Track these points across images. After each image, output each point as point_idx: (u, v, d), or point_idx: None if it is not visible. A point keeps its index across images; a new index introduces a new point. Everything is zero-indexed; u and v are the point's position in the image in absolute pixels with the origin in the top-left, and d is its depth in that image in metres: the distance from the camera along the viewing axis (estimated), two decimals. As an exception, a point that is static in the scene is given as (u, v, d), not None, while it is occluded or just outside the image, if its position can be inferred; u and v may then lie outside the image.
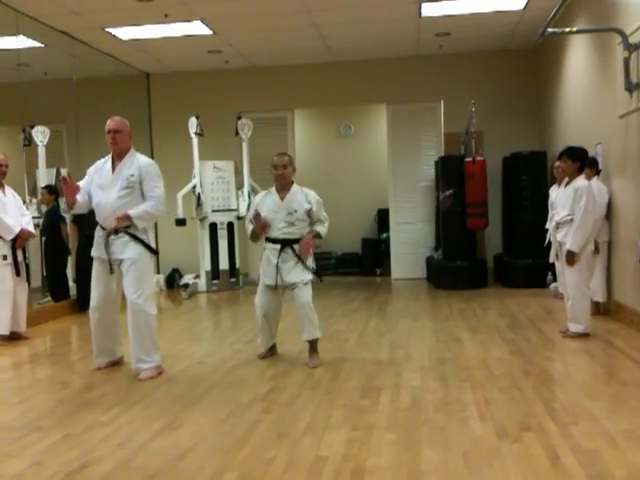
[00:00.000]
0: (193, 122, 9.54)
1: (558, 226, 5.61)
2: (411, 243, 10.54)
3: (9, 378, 5.25)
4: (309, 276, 5.01)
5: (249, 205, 9.81)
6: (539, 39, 7.21)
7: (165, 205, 4.92)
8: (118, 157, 4.83)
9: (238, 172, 10.03)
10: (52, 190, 8.34)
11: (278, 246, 4.98)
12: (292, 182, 5.08)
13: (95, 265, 4.88)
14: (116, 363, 5.10)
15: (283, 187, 5.05)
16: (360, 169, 11.68)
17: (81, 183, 4.87)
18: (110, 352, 5.07)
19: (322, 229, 5.07)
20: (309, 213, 5.00)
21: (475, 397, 4.00)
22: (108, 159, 4.88)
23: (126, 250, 4.75)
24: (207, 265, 9.73)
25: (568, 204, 5.46)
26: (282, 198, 5.02)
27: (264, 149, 10.71)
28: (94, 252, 4.88)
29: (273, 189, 5.11)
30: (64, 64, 8.98)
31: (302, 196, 5.04)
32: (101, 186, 4.81)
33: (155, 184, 4.82)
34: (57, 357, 5.93)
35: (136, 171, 4.78)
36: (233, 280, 9.86)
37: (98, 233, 4.87)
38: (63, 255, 8.22)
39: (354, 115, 11.72)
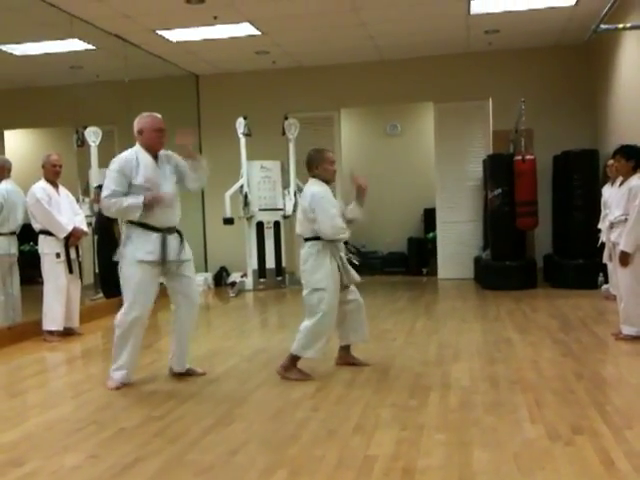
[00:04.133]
0: (241, 122, 9.64)
1: (612, 226, 5.50)
2: (458, 242, 10.45)
3: (64, 373, 5.40)
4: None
5: (295, 204, 9.88)
6: (592, 36, 7.07)
7: None
8: (154, 154, 4.58)
9: (284, 172, 10.10)
10: (104, 189, 8.50)
11: (342, 245, 4.76)
12: None
13: (144, 270, 4.49)
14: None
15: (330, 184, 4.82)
16: (406, 168, 11.63)
17: (117, 187, 4.47)
18: (134, 367, 4.71)
19: None
20: None
21: (526, 399, 3.96)
22: (141, 153, 4.54)
23: (185, 250, 4.67)
24: (254, 264, 9.82)
25: (622, 203, 5.36)
26: (335, 196, 4.85)
27: (311, 149, 10.78)
28: (143, 256, 4.47)
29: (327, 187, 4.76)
30: (116, 66, 9.17)
31: None
32: (152, 181, 4.50)
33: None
34: (109, 353, 6.00)
35: (173, 163, 4.68)
36: (279, 279, 9.93)
37: (150, 234, 4.52)
38: (114, 253, 8.38)
39: (401, 114, 11.67)
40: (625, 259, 5.29)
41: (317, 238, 4.63)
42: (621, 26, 6.50)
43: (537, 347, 5.37)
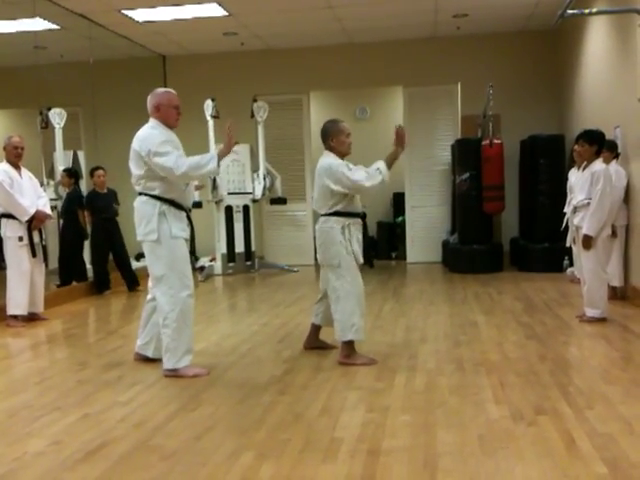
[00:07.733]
0: (209, 105, 9.53)
1: (575, 210, 5.57)
2: (427, 227, 10.52)
3: (28, 359, 5.32)
4: None
5: (265, 188, 9.84)
6: (558, 21, 7.10)
7: None
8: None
9: (254, 155, 10.04)
10: (72, 173, 8.39)
11: (360, 220, 4.66)
12: None
13: (183, 245, 4.37)
14: None
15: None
16: (375, 152, 11.37)
17: (178, 150, 4.46)
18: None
19: None
20: None
21: (490, 380, 4.01)
22: (166, 129, 4.48)
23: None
24: (223, 248, 9.77)
25: (585, 188, 5.42)
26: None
27: (280, 132, 10.74)
28: (180, 233, 4.35)
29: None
30: (81, 46, 9.00)
31: None
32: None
33: None
34: (75, 338, 5.99)
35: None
36: (249, 263, 9.89)
37: (180, 213, 4.40)
38: (80, 239, 8.28)
39: (370, 97, 11.65)
40: (588, 242, 5.37)
41: (331, 214, 4.55)
42: (587, 11, 6.56)
43: (502, 329, 5.44)
